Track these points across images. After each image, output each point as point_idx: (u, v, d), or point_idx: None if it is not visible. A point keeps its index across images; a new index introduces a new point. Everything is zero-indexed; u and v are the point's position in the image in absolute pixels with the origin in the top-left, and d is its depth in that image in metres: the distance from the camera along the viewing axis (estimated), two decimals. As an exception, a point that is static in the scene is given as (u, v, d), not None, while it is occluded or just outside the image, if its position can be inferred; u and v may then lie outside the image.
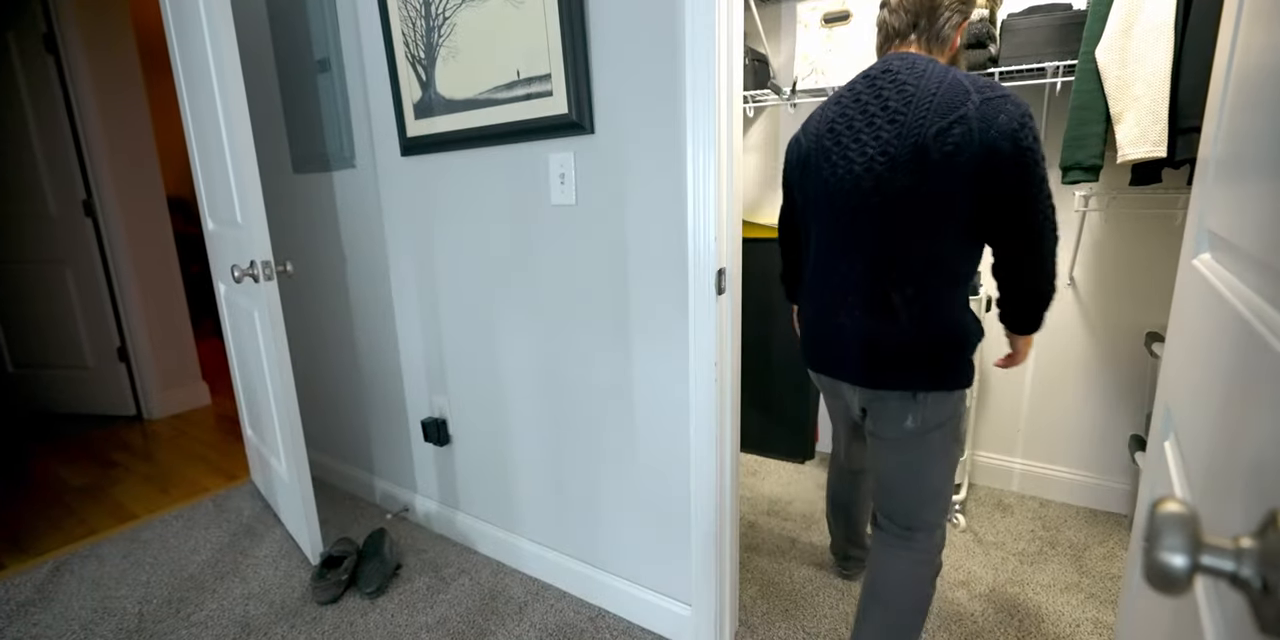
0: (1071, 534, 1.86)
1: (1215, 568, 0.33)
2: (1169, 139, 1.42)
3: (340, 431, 2.25)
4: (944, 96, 1.02)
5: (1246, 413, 0.44)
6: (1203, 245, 0.71)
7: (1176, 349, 0.76)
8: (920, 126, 1.02)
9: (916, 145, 1.02)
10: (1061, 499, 2.06)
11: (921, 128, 1.02)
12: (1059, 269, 1.88)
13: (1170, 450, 0.72)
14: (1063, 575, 1.67)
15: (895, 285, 1.09)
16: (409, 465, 2.01)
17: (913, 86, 1.05)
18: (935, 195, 1.03)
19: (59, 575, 1.81)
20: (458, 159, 1.56)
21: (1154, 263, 1.81)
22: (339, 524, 2.06)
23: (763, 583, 1.67)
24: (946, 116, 1.00)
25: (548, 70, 1.31)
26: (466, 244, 1.62)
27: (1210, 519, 0.49)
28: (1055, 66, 1.66)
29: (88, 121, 2.77)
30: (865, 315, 1.13)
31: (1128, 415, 1.92)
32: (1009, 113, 0.98)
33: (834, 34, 1.93)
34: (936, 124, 1.01)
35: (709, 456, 1.31)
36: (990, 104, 0.99)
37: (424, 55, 1.52)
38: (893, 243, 1.08)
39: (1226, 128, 0.63)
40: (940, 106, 1.01)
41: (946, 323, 1.10)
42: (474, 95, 1.45)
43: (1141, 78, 1.42)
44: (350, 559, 1.72)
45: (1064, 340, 1.97)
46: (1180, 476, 0.65)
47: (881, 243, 1.09)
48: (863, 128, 1.09)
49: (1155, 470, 0.80)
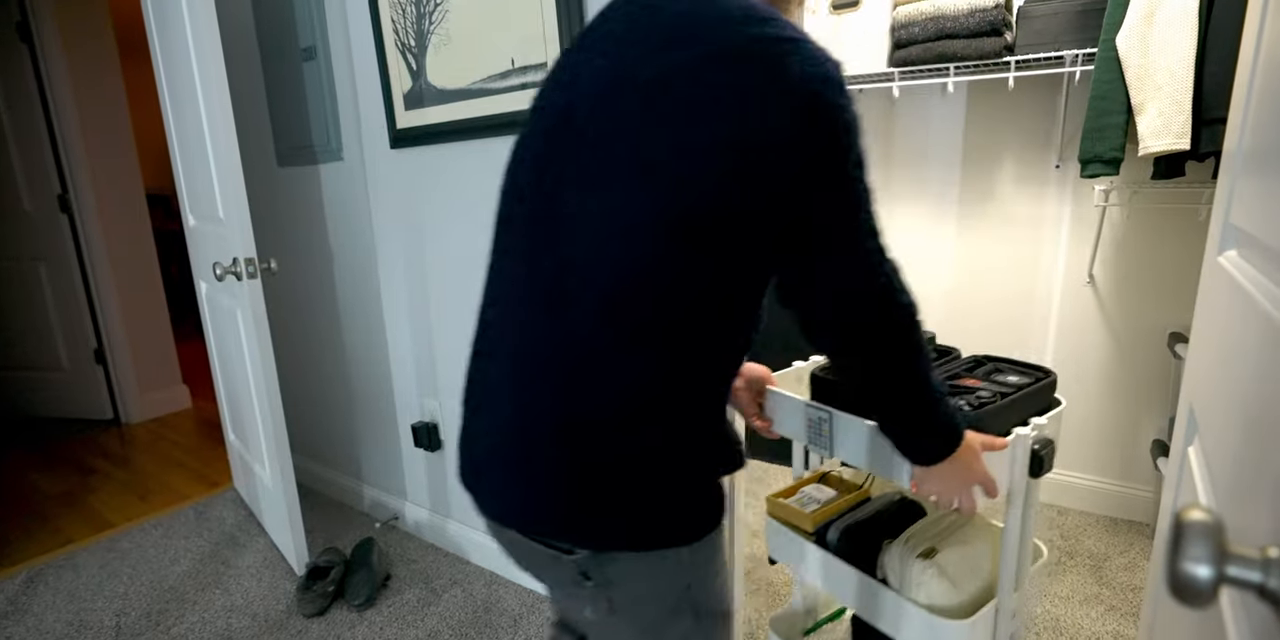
0: (1091, 543, 1.86)
1: (1242, 579, 0.33)
2: (1193, 130, 1.42)
3: (327, 436, 2.25)
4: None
5: (1275, 416, 0.44)
6: (1228, 242, 0.71)
7: (1201, 350, 0.76)
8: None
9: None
10: (1080, 507, 2.05)
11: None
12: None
13: (1194, 455, 0.72)
14: (1082, 586, 1.67)
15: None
16: (399, 471, 2.01)
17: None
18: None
19: (33, 586, 1.81)
20: (450, 151, 1.56)
21: (1177, 260, 1.80)
22: (325, 533, 2.06)
23: (768, 594, 1.67)
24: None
25: (544, 59, 1.31)
26: (459, 241, 1.61)
27: (1237, 528, 0.49)
28: (1074, 55, 1.66)
29: (63, 113, 2.77)
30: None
31: (1150, 419, 1.92)
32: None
33: (843, 21, 1.93)
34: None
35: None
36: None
37: (414, 43, 1.52)
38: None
39: (1253, 118, 0.63)
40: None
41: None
42: (467, 85, 1.45)
43: (1164, 66, 1.42)
44: (337, 569, 1.71)
45: (1083, 341, 1.97)
46: (1205, 483, 0.65)
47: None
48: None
49: (1179, 476, 0.80)
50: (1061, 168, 1.91)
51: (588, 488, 0.65)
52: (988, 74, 1.80)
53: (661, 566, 0.69)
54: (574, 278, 0.63)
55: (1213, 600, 0.33)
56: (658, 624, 0.72)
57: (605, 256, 0.61)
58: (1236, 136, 0.70)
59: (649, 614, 0.71)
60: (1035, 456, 0.86)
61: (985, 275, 2.08)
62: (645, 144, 0.60)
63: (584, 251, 0.62)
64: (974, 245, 2.09)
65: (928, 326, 2.21)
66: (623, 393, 0.63)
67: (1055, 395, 0.97)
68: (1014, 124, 1.96)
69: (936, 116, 2.08)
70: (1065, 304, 1.97)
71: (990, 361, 1.03)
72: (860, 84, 2.04)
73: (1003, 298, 2.06)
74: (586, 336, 0.63)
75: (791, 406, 0.99)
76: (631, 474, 0.65)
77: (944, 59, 1.76)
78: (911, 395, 0.71)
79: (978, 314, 2.11)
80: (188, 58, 1.62)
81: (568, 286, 0.63)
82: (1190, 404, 0.78)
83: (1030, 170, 1.96)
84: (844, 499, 1.17)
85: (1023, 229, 2.00)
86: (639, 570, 0.68)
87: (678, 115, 0.59)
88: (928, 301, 2.19)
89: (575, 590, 0.71)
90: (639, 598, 0.70)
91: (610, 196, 0.61)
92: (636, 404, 0.64)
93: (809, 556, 1.10)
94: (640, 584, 0.69)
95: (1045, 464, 0.87)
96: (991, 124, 2.00)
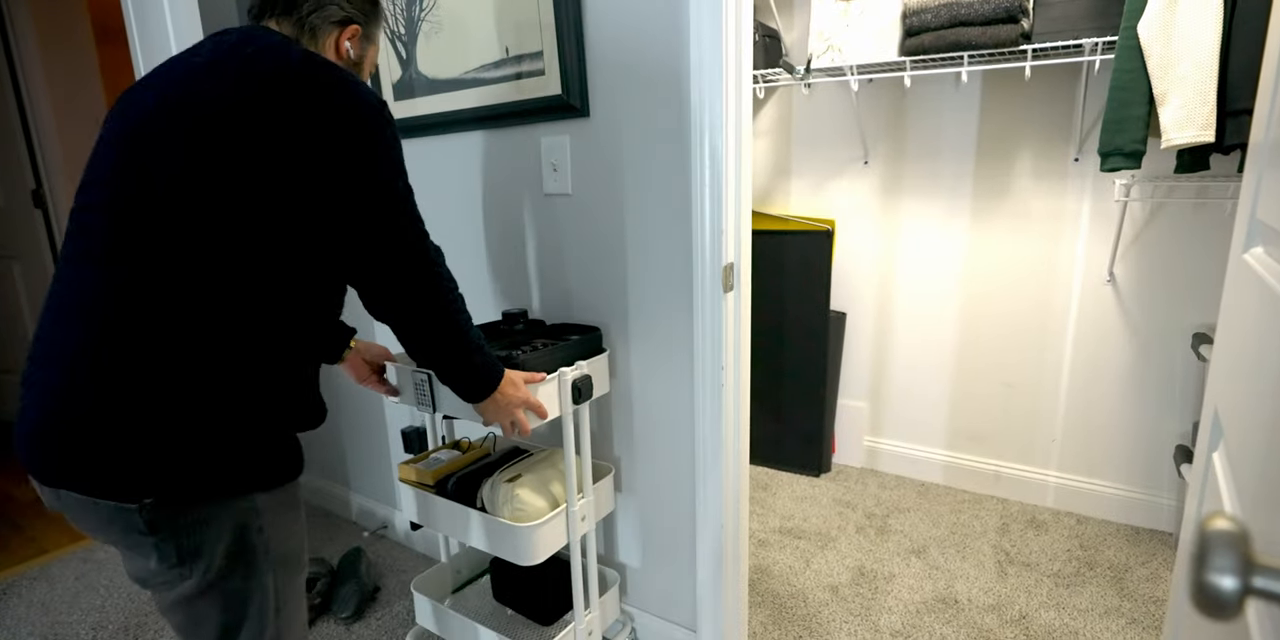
0: (1112, 554, 1.86)
1: (1269, 591, 0.33)
2: (1218, 122, 1.42)
3: (312, 441, 2.25)
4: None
5: (1303, 421, 0.44)
6: (1255, 238, 0.71)
7: (1226, 351, 0.76)
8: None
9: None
10: (1101, 515, 2.06)
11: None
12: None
13: (1219, 462, 0.72)
14: (1102, 599, 1.67)
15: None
16: (388, 478, 2.01)
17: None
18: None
19: (6, 598, 1.81)
20: (441, 144, 1.56)
21: (1201, 257, 1.81)
22: (312, 542, 2.05)
23: (774, 607, 1.67)
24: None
25: (539, 47, 1.31)
26: (450, 236, 1.61)
27: (1264, 537, 0.49)
28: (1093, 43, 1.66)
29: (37, 105, 2.76)
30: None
31: (1173, 424, 1.92)
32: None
33: (851, 8, 1.93)
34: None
35: (715, 469, 1.31)
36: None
37: (404, 30, 1.52)
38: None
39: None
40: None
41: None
42: (459, 75, 1.45)
43: (1188, 55, 1.42)
44: (323, 581, 1.71)
45: (1102, 342, 1.97)
46: (1231, 490, 0.65)
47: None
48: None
49: (1203, 484, 0.80)
50: (1080, 161, 1.91)
51: (146, 437, 0.75)
52: (1003, 63, 1.80)
53: (228, 512, 0.81)
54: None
55: (1238, 613, 0.33)
56: (225, 569, 0.83)
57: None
58: (1263, 128, 0.70)
59: (215, 560, 0.81)
60: (575, 387, 1.22)
61: (1000, 273, 2.08)
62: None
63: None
64: (989, 242, 2.09)
65: (937, 322, 2.21)
66: (181, 351, 0.76)
67: (602, 345, 1.39)
68: (1031, 116, 1.96)
69: (950, 108, 2.08)
70: (1084, 303, 1.97)
71: (564, 326, 1.42)
72: (870, 74, 2.05)
73: (1018, 297, 2.07)
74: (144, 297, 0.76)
75: (402, 374, 1.24)
76: (194, 424, 0.77)
77: (958, 47, 1.76)
78: (450, 350, 0.94)
79: (992, 313, 2.11)
80: (167, 46, 1.62)
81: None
82: (1215, 408, 0.78)
83: (1048, 164, 1.96)
84: (467, 456, 1.45)
85: (1040, 225, 2.00)
86: (204, 516, 0.80)
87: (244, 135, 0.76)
88: (940, 299, 2.19)
89: (141, 541, 0.79)
90: (205, 543, 0.80)
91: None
92: (197, 361, 0.77)
93: (436, 509, 1.34)
94: (207, 530, 0.80)
95: (584, 393, 1.24)
96: (1007, 115, 2.00)
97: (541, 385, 1.15)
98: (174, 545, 0.79)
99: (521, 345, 1.26)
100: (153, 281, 0.75)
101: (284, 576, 0.89)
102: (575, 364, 1.25)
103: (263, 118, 0.76)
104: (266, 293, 0.80)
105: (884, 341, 2.34)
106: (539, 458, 1.39)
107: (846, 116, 2.25)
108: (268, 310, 0.81)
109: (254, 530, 0.84)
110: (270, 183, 0.77)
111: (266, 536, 0.86)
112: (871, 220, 2.28)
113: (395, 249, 0.85)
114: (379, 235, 0.84)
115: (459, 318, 0.94)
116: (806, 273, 2.28)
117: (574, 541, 1.29)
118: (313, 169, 0.78)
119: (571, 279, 1.43)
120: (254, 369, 0.81)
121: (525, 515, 1.24)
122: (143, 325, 0.75)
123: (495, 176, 1.49)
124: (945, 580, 1.75)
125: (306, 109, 0.77)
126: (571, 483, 1.26)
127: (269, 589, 0.87)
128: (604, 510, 1.39)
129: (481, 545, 1.28)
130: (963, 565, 1.82)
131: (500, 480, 1.28)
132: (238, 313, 0.79)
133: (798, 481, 2.36)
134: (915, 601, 1.67)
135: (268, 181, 0.77)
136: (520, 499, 1.25)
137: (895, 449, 2.38)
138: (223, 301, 0.77)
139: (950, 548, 1.91)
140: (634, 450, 1.43)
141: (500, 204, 1.50)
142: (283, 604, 0.90)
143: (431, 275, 0.89)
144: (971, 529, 2.01)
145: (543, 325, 1.42)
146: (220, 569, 0.82)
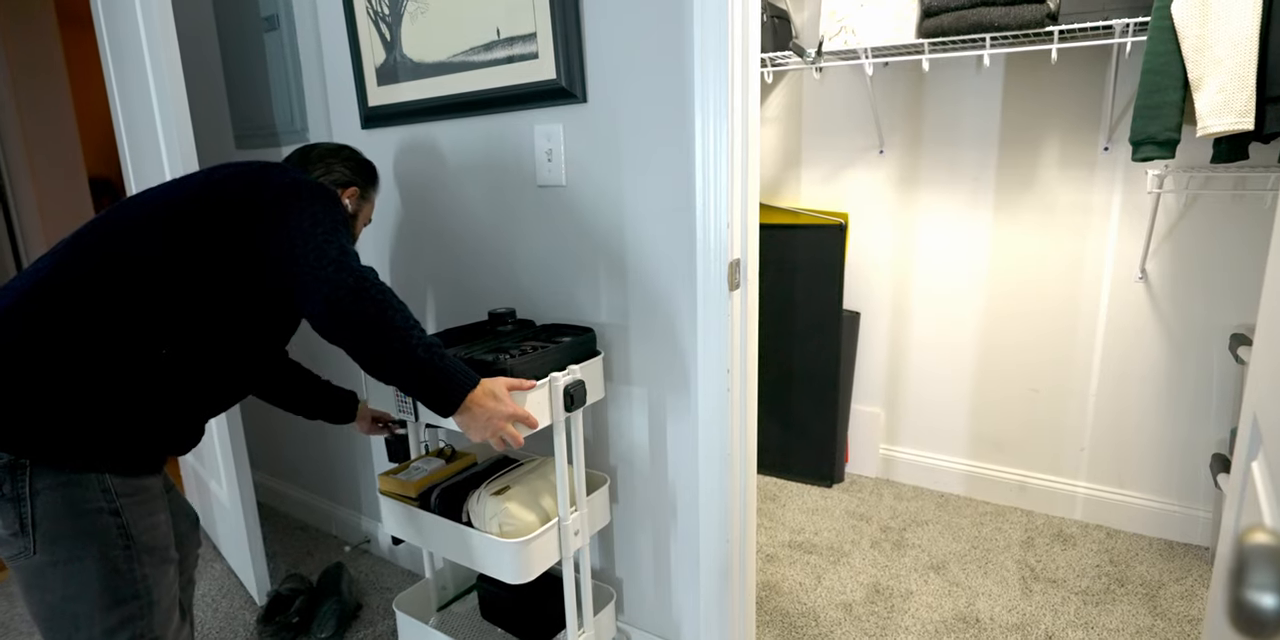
0: (1144, 569, 1.86)
1: (1312, 609, 0.33)
2: (1257, 108, 1.42)
3: (291, 451, 2.25)
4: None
5: (1349, 427, 0.44)
6: (1297, 232, 0.71)
7: (1266, 353, 0.76)
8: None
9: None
10: (1132, 529, 2.05)
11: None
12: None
13: (1259, 471, 0.72)
14: (1134, 618, 1.67)
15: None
16: (371, 490, 2.01)
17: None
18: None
19: (-37, 617, 1.81)
20: (427, 132, 1.56)
21: (1239, 253, 1.80)
22: (289, 558, 2.05)
23: (783, 626, 1.67)
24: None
25: (532, 29, 1.31)
26: (437, 230, 1.61)
27: (1306, 552, 0.49)
28: (1124, 24, 1.66)
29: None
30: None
31: (1209, 431, 1.92)
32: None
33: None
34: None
35: (720, 479, 1.31)
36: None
37: (388, 11, 1.52)
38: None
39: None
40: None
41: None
42: (446, 58, 1.45)
43: (1225, 37, 1.42)
44: (302, 599, 1.71)
45: (1134, 343, 1.97)
46: (1271, 502, 0.65)
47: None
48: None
49: (1241, 495, 0.80)
50: (1110, 150, 1.91)
51: (16, 403, 0.87)
52: (1028, 45, 1.80)
53: (77, 488, 0.91)
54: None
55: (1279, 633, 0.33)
56: (75, 541, 0.91)
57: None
58: (1306, 114, 0.70)
59: (64, 530, 0.90)
60: (567, 394, 1.20)
61: (1024, 270, 2.08)
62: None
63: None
64: (1012, 237, 2.09)
65: (957, 322, 2.21)
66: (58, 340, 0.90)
67: (596, 347, 1.36)
68: (1057, 102, 1.96)
69: (971, 93, 2.08)
70: (1115, 302, 1.97)
71: (556, 327, 1.39)
72: (885, 57, 2.05)
73: (1044, 294, 2.07)
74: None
75: (381, 383, 1.24)
76: (62, 403, 0.89)
77: (980, 29, 1.76)
78: (398, 363, 0.96)
79: (1015, 313, 2.11)
80: (135, 28, 1.62)
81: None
82: (1254, 413, 0.78)
83: (1075, 153, 1.96)
84: (451, 466, 1.44)
85: (1067, 218, 2.00)
86: (52, 483, 0.89)
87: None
88: (960, 297, 2.19)
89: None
90: (49, 515, 0.90)
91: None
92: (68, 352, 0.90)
93: (419, 523, 1.33)
94: (54, 500, 0.90)
95: (577, 400, 1.22)
96: (1032, 102, 2.00)
97: (531, 392, 1.13)
98: (16, 512, 0.89)
99: (509, 348, 1.23)
100: (87, 281, 0.92)
101: (150, 566, 0.98)
102: (567, 368, 1.22)
103: (217, 188, 1.02)
104: (170, 322, 0.96)
105: (900, 343, 2.34)
106: (529, 468, 1.38)
107: (860, 103, 2.25)
108: (170, 334, 0.96)
109: (106, 512, 0.93)
110: (215, 248, 0.99)
111: (125, 520, 0.95)
112: (887, 213, 2.28)
113: (311, 274, 0.95)
114: (292, 265, 0.96)
115: (400, 331, 0.96)
116: (817, 269, 2.28)
117: (566, 557, 1.29)
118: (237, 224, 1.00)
119: (564, 276, 1.43)
120: (130, 378, 0.93)
121: (514, 530, 1.23)
122: (59, 315, 0.90)
123: (484, 167, 1.49)
124: (966, 598, 1.75)
125: (252, 181, 1.04)
126: (563, 495, 1.26)
127: (136, 576, 0.96)
128: (599, 523, 1.39)
129: (468, 562, 1.27)
130: (985, 582, 1.82)
131: (487, 493, 1.27)
132: (139, 326, 0.93)
133: (808, 492, 2.36)
134: (934, 621, 1.67)
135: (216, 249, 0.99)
136: (509, 513, 1.24)
137: (913, 458, 2.38)
138: (141, 311, 0.93)
139: (971, 563, 1.91)
140: (632, 459, 1.43)
141: (489, 196, 1.50)
142: (152, 592, 0.98)
143: (358, 293, 0.94)
144: (994, 543, 2.01)
145: (532, 326, 1.42)
146: (70, 547, 0.91)
